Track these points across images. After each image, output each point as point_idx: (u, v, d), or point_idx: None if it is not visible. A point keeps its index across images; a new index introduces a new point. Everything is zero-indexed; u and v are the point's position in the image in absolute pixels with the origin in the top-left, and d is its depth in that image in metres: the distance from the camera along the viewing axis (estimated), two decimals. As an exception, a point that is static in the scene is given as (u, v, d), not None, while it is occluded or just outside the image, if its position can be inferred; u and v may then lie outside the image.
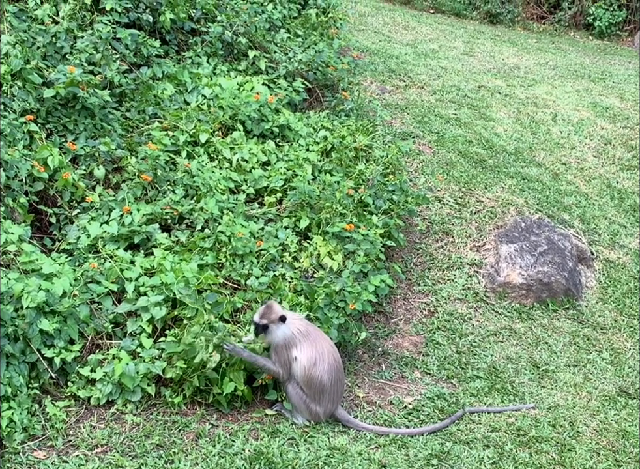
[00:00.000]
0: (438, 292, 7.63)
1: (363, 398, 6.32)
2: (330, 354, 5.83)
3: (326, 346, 5.85)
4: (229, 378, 5.84)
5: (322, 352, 5.78)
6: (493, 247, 8.10)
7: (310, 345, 5.76)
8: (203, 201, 6.83)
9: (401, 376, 6.65)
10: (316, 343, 5.79)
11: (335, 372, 5.83)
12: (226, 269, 6.44)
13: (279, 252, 6.73)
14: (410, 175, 8.72)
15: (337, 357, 5.91)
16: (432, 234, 8.19)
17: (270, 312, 5.75)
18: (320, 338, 5.88)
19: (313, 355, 5.75)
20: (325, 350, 5.81)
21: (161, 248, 6.48)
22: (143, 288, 6.08)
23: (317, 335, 5.86)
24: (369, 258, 6.83)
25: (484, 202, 8.65)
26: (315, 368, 5.74)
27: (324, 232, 6.96)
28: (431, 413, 6.19)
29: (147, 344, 5.90)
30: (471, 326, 7.35)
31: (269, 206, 7.23)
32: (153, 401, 5.86)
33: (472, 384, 6.60)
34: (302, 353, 5.75)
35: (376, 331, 7.08)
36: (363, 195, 7.43)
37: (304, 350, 5.75)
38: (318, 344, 5.79)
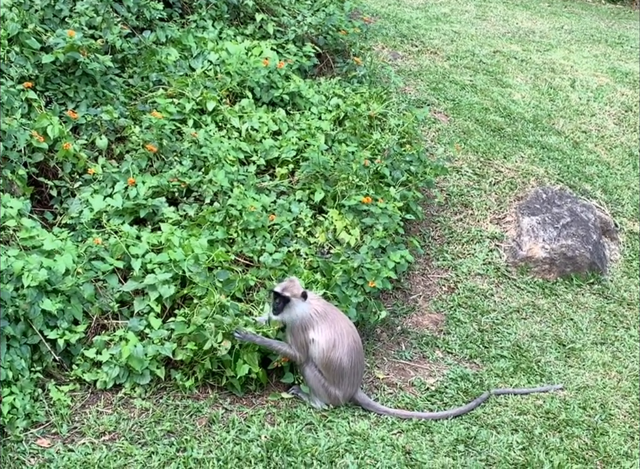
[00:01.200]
0: (458, 267, 7.39)
1: (383, 380, 6.09)
2: (350, 335, 5.59)
3: (345, 326, 5.60)
4: (242, 360, 5.61)
5: (341, 333, 5.54)
6: (514, 220, 7.84)
7: (328, 326, 5.52)
8: (212, 173, 6.58)
9: (422, 356, 6.43)
10: (334, 324, 5.55)
11: (355, 353, 5.59)
12: (237, 245, 6.19)
13: (293, 227, 6.49)
14: (427, 145, 8.44)
15: (357, 338, 5.67)
16: (450, 206, 7.94)
17: (293, 287, 5.50)
18: (339, 318, 5.63)
19: (331, 337, 5.51)
20: (344, 331, 5.57)
21: (168, 223, 6.24)
22: (150, 266, 5.84)
23: (335, 315, 5.62)
24: (388, 232, 6.58)
25: (503, 172, 8.38)
26: (334, 350, 5.51)
27: (340, 206, 6.71)
28: (455, 396, 5.96)
29: (156, 324, 5.66)
30: (493, 303, 7.12)
31: (281, 178, 6.97)
32: (163, 385, 5.62)
33: (496, 364, 6.37)
34: (319, 335, 5.50)
35: (394, 309, 6.84)
36: (379, 166, 7.16)
37: (322, 331, 5.50)
38: (336, 325, 5.55)
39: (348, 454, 5.15)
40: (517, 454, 5.34)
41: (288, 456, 5.07)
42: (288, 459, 5.05)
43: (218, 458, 5.01)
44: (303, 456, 5.09)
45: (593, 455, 5.42)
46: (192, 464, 4.95)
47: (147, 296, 5.76)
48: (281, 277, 6.09)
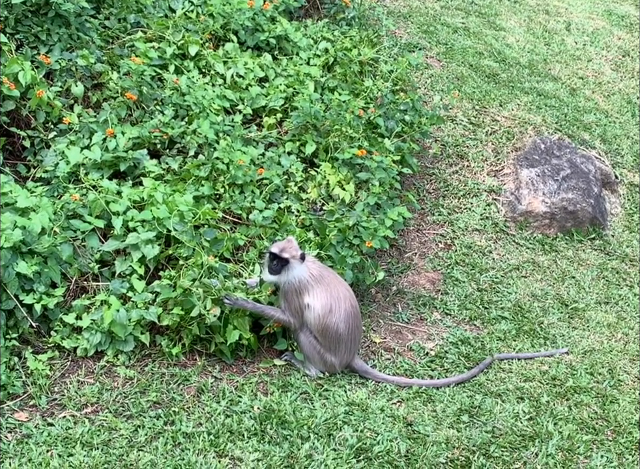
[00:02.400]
0: (454, 223, 7.09)
1: (380, 344, 5.82)
2: (347, 300, 5.30)
3: (342, 290, 5.31)
4: (232, 325, 5.31)
5: (337, 297, 5.25)
6: (512, 172, 7.53)
7: (324, 290, 5.23)
8: (196, 123, 6.22)
9: (420, 317, 6.17)
10: (330, 288, 5.25)
11: (353, 319, 5.31)
12: (225, 201, 5.86)
13: (283, 181, 6.15)
14: (420, 92, 8.07)
15: (354, 302, 5.39)
16: (445, 157, 7.61)
17: (291, 247, 5.19)
18: (335, 281, 5.34)
19: (327, 302, 5.22)
20: (341, 295, 5.28)
21: (150, 177, 5.88)
22: (132, 224, 5.49)
23: (331, 279, 5.32)
24: (384, 188, 6.25)
25: (500, 121, 8.04)
26: (330, 315, 5.23)
27: (332, 159, 6.37)
28: (456, 361, 5.70)
29: (139, 287, 5.34)
30: (491, 260, 6.85)
31: (269, 129, 6.60)
32: (148, 351, 5.31)
33: (497, 326, 6.12)
34: (315, 299, 5.21)
35: (389, 268, 6.55)
36: (373, 115, 6.79)
37: (317, 296, 5.21)
38: (333, 289, 5.26)
39: (346, 427, 4.89)
40: (524, 424, 5.10)
41: (283, 429, 4.80)
42: (283, 432, 4.78)
43: (208, 432, 4.73)
44: (299, 429, 4.82)
45: (603, 425, 5.19)
46: (181, 438, 4.67)
47: (129, 256, 5.44)
48: (272, 235, 5.78)
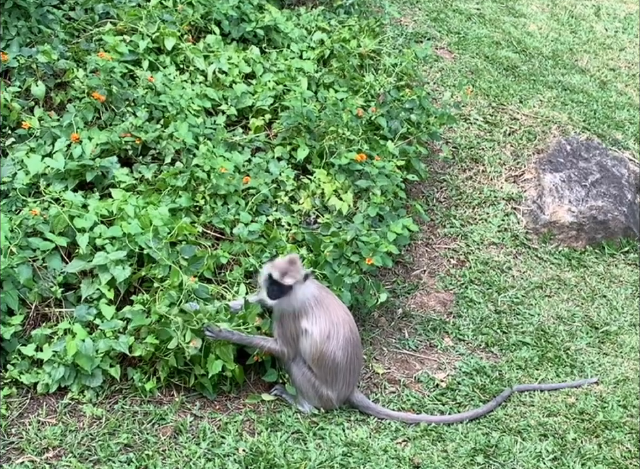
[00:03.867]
0: (468, 236, 7.14)
1: (383, 375, 5.83)
2: (346, 324, 5.31)
3: (341, 314, 5.33)
4: (214, 354, 5.32)
5: (337, 322, 5.26)
6: (533, 177, 7.58)
7: (323, 314, 5.24)
8: (173, 126, 6.29)
9: (429, 344, 6.19)
10: (329, 311, 5.27)
11: (352, 346, 5.31)
12: (205, 214, 5.91)
13: (272, 191, 6.20)
14: (429, 88, 8.15)
15: (354, 327, 5.40)
16: (458, 161, 7.67)
17: (296, 269, 5.18)
18: (334, 304, 5.35)
19: (326, 327, 5.23)
20: (340, 319, 5.29)
21: (121, 188, 5.94)
22: (100, 241, 5.53)
23: (330, 300, 5.34)
24: (386, 197, 6.29)
25: (520, 119, 8.12)
26: (328, 342, 5.23)
27: (328, 165, 6.42)
28: (470, 394, 5.71)
29: (108, 313, 5.36)
30: (511, 278, 6.88)
31: (256, 132, 6.66)
32: (118, 387, 5.33)
33: (517, 353, 6.13)
34: (313, 324, 5.23)
35: (394, 288, 6.58)
36: (374, 115, 6.85)
37: (316, 320, 5.23)
38: (332, 312, 5.27)
39: (344, 470, 4.90)
40: (547, 466, 5.09)
41: (272, 474, 4.81)
42: (272, 478, 4.79)
43: (187, 478, 4.74)
44: (290, 473, 4.82)
45: (638, 465, 5.18)
46: (156, 486, 4.67)
47: (97, 278, 5.47)
48: (259, 252, 5.81)
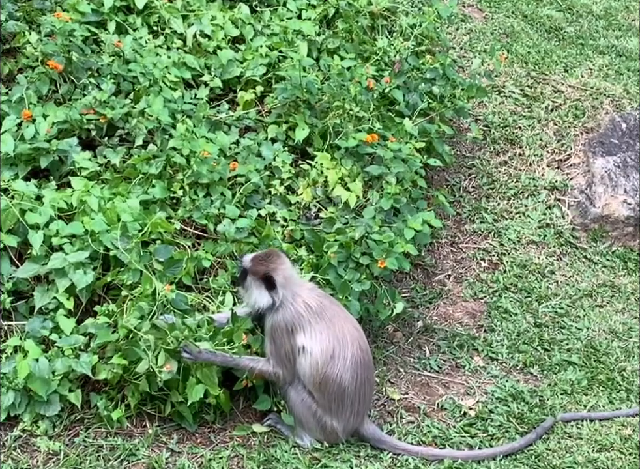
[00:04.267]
0: (502, 233, 7.20)
1: (400, 402, 5.88)
2: (355, 342, 5.35)
3: (348, 328, 5.36)
4: (195, 378, 5.35)
5: (342, 338, 5.30)
6: (581, 162, 7.64)
7: (326, 328, 5.28)
8: (144, 101, 6.36)
9: (455, 364, 6.25)
10: (334, 325, 5.31)
11: (362, 368, 5.35)
12: (184, 207, 5.97)
13: (264, 179, 6.26)
14: (455, 54, 8.21)
15: (365, 345, 5.44)
16: (490, 143, 7.72)
17: (276, 263, 5.31)
18: (340, 316, 5.39)
19: (329, 344, 5.27)
20: (347, 335, 5.33)
21: (82, 176, 5.99)
22: (57, 240, 5.58)
23: (334, 312, 5.38)
24: (403, 186, 6.33)
25: (565, 92, 8.17)
26: (332, 363, 5.27)
27: (332, 147, 6.48)
28: (505, 424, 5.74)
29: (67, 327, 5.40)
30: (554, 284, 6.92)
31: (245, 107, 6.73)
32: (79, 416, 5.37)
33: (562, 375, 6.17)
34: (313, 340, 5.27)
35: (412, 296, 6.65)
36: (388, 87, 6.91)
37: (317, 335, 5.27)
38: (337, 327, 5.31)
39: (352, 517, 4.97)
40: (597, 511, 5.16)
41: (265, 522, 4.88)
42: (265, 526, 4.85)
43: (162, 527, 4.80)
44: (287, 521, 4.89)
45: None
46: None
47: (53, 285, 5.52)
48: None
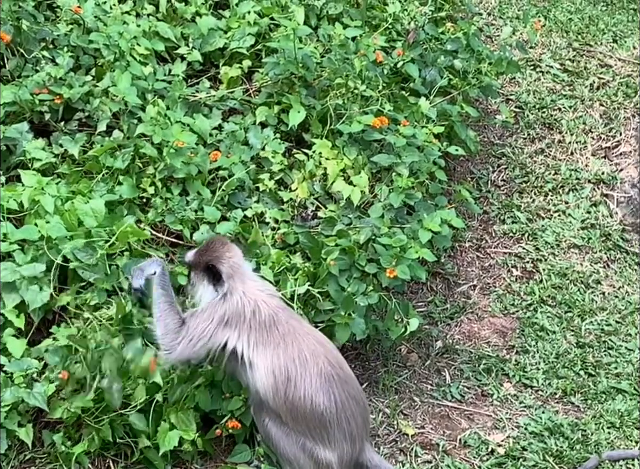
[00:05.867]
0: (538, 235, 7.27)
1: (414, 437, 5.93)
2: (319, 358, 5.41)
3: (308, 345, 5.43)
4: (169, 423, 5.45)
5: (299, 357, 5.38)
6: (633, 150, 7.72)
7: (274, 347, 5.39)
8: (108, 78, 6.45)
9: (480, 392, 6.31)
10: (286, 343, 5.40)
11: (338, 385, 5.41)
12: (155, 210, 6.03)
13: (251, 173, 6.33)
14: (480, 21, 8.29)
15: (335, 359, 5.50)
16: (523, 128, 7.82)
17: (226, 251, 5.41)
18: (297, 330, 5.47)
19: (282, 365, 5.36)
20: (306, 353, 5.40)
21: (34, 168, 6.05)
22: (5, 246, 5.63)
23: (290, 328, 5.45)
24: (417, 179, 6.40)
25: (613, 67, 8.27)
26: (292, 386, 5.34)
27: (333, 133, 6.55)
28: (540, 463, 5.79)
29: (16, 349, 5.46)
30: (600, 296, 6.99)
31: (230, 85, 6.81)
32: (29, 455, 5.45)
33: (609, 405, 6.22)
34: (256, 354, 5.38)
35: (430, 311, 6.73)
36: (401, 60, 6.99)
37: (259, 350, 5.38)
38: (292, 346, 5.40)
39: None
40: None
41: None
42: None
43: None
44: None
45: None
46: None
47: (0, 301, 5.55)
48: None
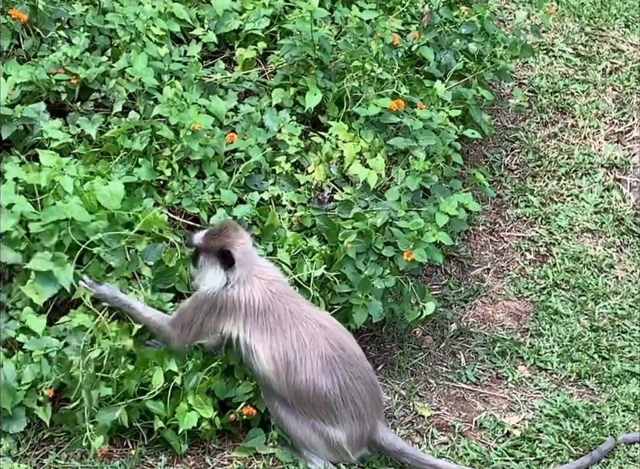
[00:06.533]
0: (551, 219, 7.29)
1: (430, 419, 5.95)
2: (321, 341, 5.44)
3: (308, 328, 5.46)
4: (187, 404, 5.45)
5: (297, 339, 5.41)
6: (646, 135, 7.75)
7: (269, 330, 5.43)
8: (124, 58, 6.46)
9: (495, 375, 6.32)
10: (284, 329, 5.43)
11: (341, 366, 5.45)
12: (172, 192, 6.06)
13: (268, 155, 6.33)
14: (495, 4, 8.26)
15: (339, 340, 5.53)
16: (537, 112, 7.83)
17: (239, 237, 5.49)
18: (295, 315, 5.48)
19: (279, 347, 5.40)
20: (304, 334, 5.43)
21: (52, 148, 6.05)
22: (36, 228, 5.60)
23: (289, 311, 5.48)
24: (434, 162, 6.40)
25: (626, 52, 8.26)
26: (293, 371, 5.38)
27: (349, 116, 6.56)
28: (556, 446, 5.79)
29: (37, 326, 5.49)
30: (614, 280, 7.00)
31: (245, 67, 6.82)
32: (48, 433, 5.46)
33: (624, 388, 6.23)
34: (253, 339, 5.42)
35: (445, 295, 6.75)
36: (416, 43, 7.00)
37: (256, 336, 5.42)
38: (289, 327, 5.43)
39: None
40: None
41: None
42: None
43: None
44: None
45: None
46: None
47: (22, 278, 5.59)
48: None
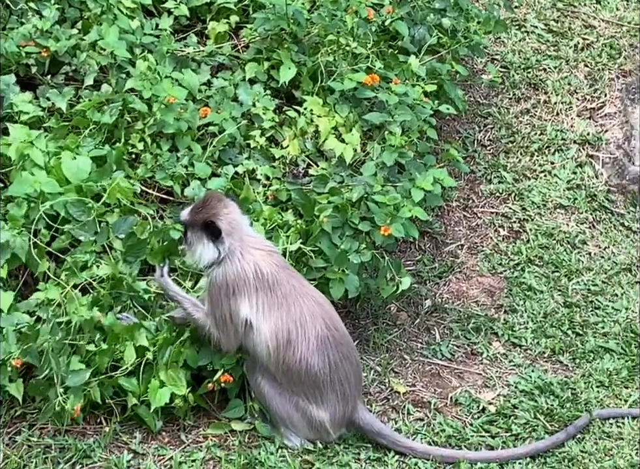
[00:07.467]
0: (524, 195, 7.28)
1: (406, 395, 5.95)
2: (317, 320, 5.45)
3: (308, 306, 5.46)
4: (158, 380, 5.42)
5: (301, 319, 5.41)
6: (618, 111, 7.73)
7: (278, 307, 5.40)
8: (95, 31, 6.41)
9: (470, 351, 6.33)
10: (289, 304, 5.41)
11: (332, 347, 5.46)
12: (145, 165, 6.02)
13: (242, 129, 6.31)
14: (467, -21, 8.21)
15: (332, 320, 5.54)
16: (509, 87, 7.83)
17: (223, 207, 5.43)
18: (298, 292, 5.48)
19: (283, 326, 5.39)
20: (306, 315, 5.42)
21: (21, 121, 6.04)
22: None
23: (291, 288, 5.47)
24: (409, 137, 6.38)
25: (598, 28, 8.26)
26: (291, 349, 5.38)
27: (324, 90, 6.54)
28: (531, 421, 5.81)
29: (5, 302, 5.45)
30: (586, 256, 7.02)
31: (218, 41, 6.79)
32: (20, 410, 5.44)
33: (598, 364, 6.25)
34: (260, 317, 5.39)
35: (419, 270, 6.73)
36: (390, 17, 6.96)
37: (264, 311, 5.39)
38: (294, 307, 5.42)
39: None
40: (643, 524, 5.26)
41: None
42: None
43: None
44: None
45: None
46: None
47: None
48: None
